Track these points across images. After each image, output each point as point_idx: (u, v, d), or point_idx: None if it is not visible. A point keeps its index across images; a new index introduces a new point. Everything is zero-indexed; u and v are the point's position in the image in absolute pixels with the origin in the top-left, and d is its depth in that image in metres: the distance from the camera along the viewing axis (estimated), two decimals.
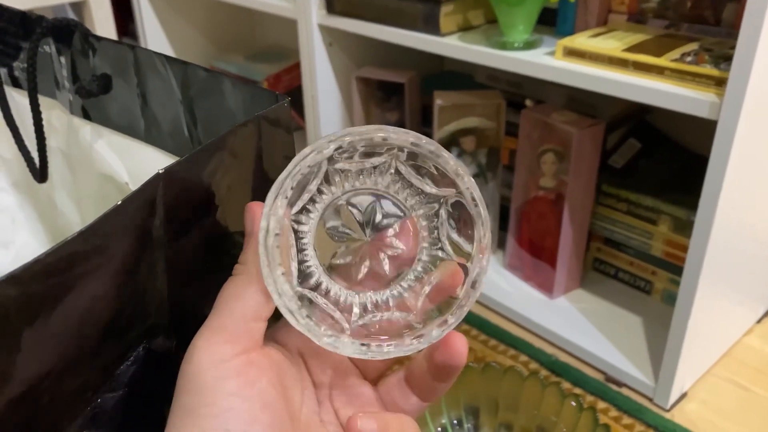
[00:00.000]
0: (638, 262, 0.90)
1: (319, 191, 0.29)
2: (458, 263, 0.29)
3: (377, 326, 0.29)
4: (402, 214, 0.30)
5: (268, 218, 0.26)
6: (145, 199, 0.25)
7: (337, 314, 0.28)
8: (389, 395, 0.30)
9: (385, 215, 0.30)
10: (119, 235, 0.25)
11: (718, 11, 0.74)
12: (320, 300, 0.28)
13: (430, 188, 0.29)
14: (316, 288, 0.28)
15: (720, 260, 0.69)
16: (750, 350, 0.83)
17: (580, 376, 0.80)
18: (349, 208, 0.29)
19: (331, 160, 0.28)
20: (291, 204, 0.27)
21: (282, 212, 0.27)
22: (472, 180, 0.29)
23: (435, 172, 0.29)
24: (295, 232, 0.28)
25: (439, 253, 0.30)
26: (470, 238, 0.29)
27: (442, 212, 0.30)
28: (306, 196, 0.28)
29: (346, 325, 0.28)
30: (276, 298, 0.27)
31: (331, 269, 0.29)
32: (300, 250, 0.28)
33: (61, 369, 0.24)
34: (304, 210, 0.28)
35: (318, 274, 0.29)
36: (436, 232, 0.30)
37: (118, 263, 0.25)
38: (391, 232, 0.30)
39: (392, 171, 0.29)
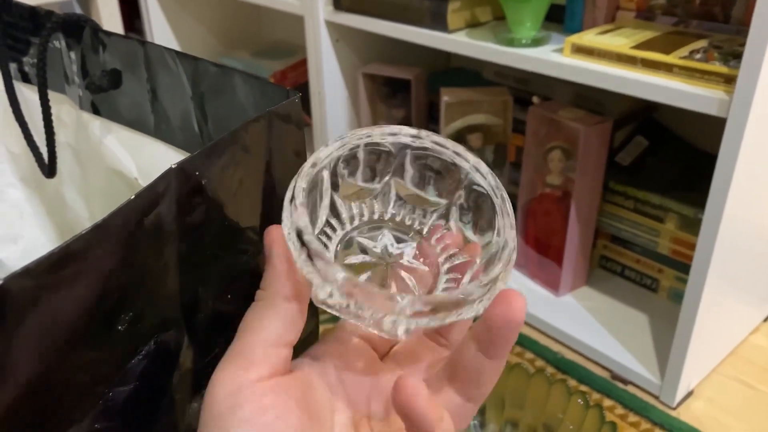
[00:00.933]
0: (645, 259, 0.90)
1: (330, 226, 0.29)
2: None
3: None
4: (412, 243, 0.30)
5: (292, 215, 0.26)
6: (157, 193, 0.26)
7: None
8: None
9: (398, 239, 0.30)
10: (132, 229, 0.25)
11: (727, 8, 0.74)
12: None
13: (436, 198, 0.30)
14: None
15: (727, 258, 0.68)
16: (756, 349, 0.83)
17: (586, 374, 0.79)
18: (363, 242, 0.30)
19: (334, 181, 0.28)
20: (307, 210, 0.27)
21: (301, 210, 0.26)
22: (476, 158, 0.29)
23: (439, 170, 0.29)
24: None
25: (459, 259, 0.30)
26: (490, 225, 0.29)
27: (452, 224, 0.30)
28: (319, 223, 0.28)
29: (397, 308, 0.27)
30: (318, 287, 0.25)
31: None
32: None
33: (72, 362, 0.24)
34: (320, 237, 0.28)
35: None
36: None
37: (130, 257, 0.25)
38: (408, 253, 0.30)
39: (393, 195, 0.30)
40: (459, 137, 0.96)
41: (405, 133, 0.29)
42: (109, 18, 1.21)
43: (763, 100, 0.59)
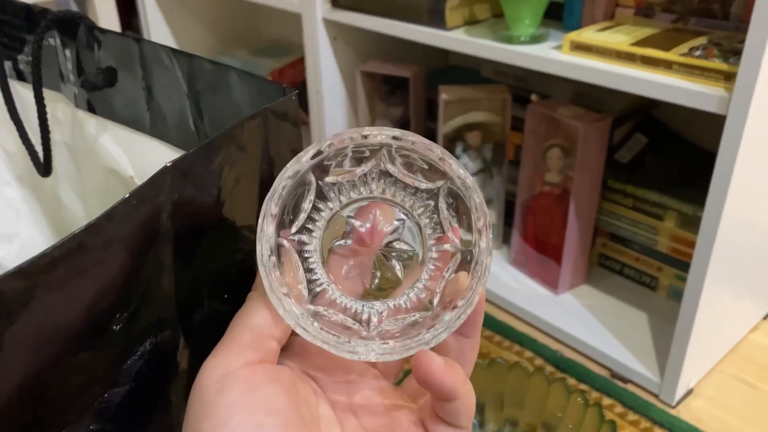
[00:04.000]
0: (644, 257, 0.90)
1: (316, 208, 0.29)
2: (462, 251, 0.29)
3: (398, 331, 0.28)
4: (403, 217, 0.30)
5: (261, 242, 0.27)
6: (152, 192, 0.25)
7: (356, 326, 0.28)
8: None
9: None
10: (126, 228, 0.24)
11: (727, 5, 0.73)
12: (336, 316, 0.28)
13: (424, 184, 0.29)
14: (330, 304, 0.28)
15: (727, 256, 0.68)
16: (756, 347, 0.83)
17: (585, 372, 0.79)
18: (351, 220, 0.29)
19: (320, 173, 0.28)
20: (284, 225, 0.28)
21: (272, 233, 0.27)
22: (458, 163, 0.28)
23: (425, 166, 0.29)
24: (300, 252, 0.28)
25: (447, 247, 0.29)
26: (470, 226, 0.29)
27: (442, 205, 0.30)
28: (302, 216, 0.28)
29: (365, 333, 0.28)
30: (285, 316, 0.27)
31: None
32: (308, 270, 0.28)
33: (67, 363, 0.24)
34: (304, 230, 0.29)
35: (330, 290, 0.29)
36: (440, 227, 0.30)
37: (125, 257, 0.25)
38: (396, 236, 0.30)
39: (383, 175, 0.29)
40: (457, 135, 0.96)
41: (386, 133, 0.29)
42: (106, 16, 1.21)
43: (763, 97, 0.59)
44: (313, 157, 0.28)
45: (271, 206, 0.27)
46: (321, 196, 0.29)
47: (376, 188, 0.29)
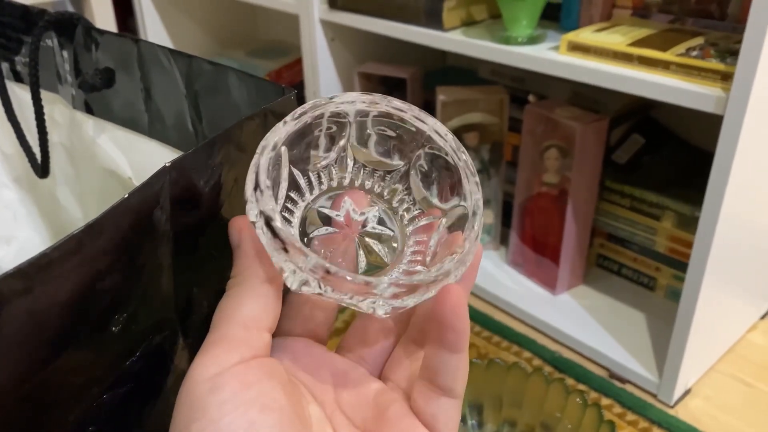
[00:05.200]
0: (642, 258, 0.90)
1: (291, 200, 0.28)
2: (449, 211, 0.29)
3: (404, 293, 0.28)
4: (375, 204, 0.30)
5: (258, 207, 0.25)
6: (151, 192, 0.25)
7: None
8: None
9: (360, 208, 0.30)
10: (125, 229, 0.24)
11: (724, 5, 0.73)
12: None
13: (395, 162, 0.29)
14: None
15: (725, 256, 0.68)
16: (754, 346, 0.83)
17: (583, 373, 0.79)
18: (324, 211, 0.29)
19: (295, 160, 0.28)
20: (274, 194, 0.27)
21: (269, 197, 0.25)
22: (435, 119, 0.29)
23: (399, 134, 0.29)
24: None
25: (425, 221, 0.30)
26: (453, 188, 0.29)
27: (414, 184, 0.30)
28: (280, 202, 0.28)
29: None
30: (292, 276, 0.25)
31: None
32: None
33: (66, 364, 0.24)
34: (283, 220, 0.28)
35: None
36: (414, 205, 0.30)
37: (124, 257, 0.25)
38: (371, 219, 0.30)
39: (350, 161, 0.29)
40: (455, 136, 0.96)
41: (361, 100, 0.29)
42: (103, 17, 1.21)
43: (760, 97, 0.59)
44: (294, 126, 0.27)
45: (263, 169, 0.26)
46: (295, 186, 0.29)
47: (346, 177, 0.29)
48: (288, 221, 0.28)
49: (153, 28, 1.36)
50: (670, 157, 0.90)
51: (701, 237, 0.65)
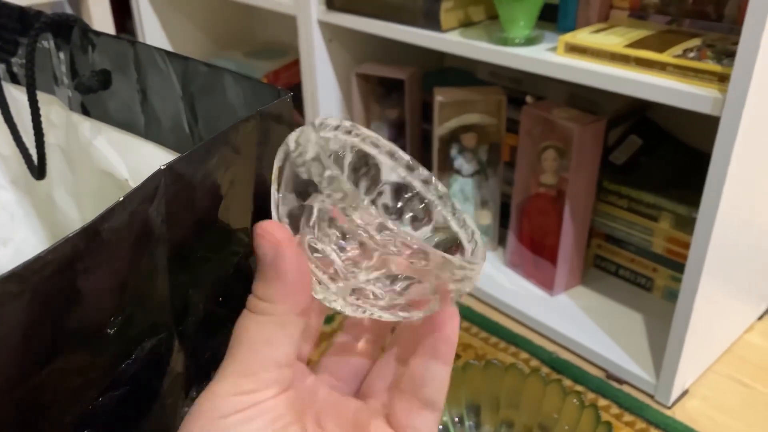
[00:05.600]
0: (639, 259, 0.90)
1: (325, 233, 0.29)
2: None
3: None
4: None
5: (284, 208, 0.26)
6: (146, 195, 0.25)
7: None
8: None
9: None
10: (121, 231, 0.24)
11: (720, 7, 0.74)
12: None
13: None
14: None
15: (722, 257, 0.68)
16: (751, 347, 0.83)
17: (581, 374, 0.79)
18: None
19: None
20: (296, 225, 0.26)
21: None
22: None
23: (419, 213, 0.29)
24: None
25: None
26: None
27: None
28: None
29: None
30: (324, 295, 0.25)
31: None
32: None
33: (61, 367, 0.24)
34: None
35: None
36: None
37: (120, 260, 0.25)
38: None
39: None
40: (453, 137, 0.96)
41: (402, 163, 0.29)
42: (101, 19, 1.21)
43: (757, 98, 0.59)
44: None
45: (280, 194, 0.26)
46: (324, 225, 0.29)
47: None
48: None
49: (151, 30, 1.36)
50: (668, 158, 0.90)
51: (698, 238, 0.65)
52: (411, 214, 0.30)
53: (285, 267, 0.24)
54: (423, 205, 0.30)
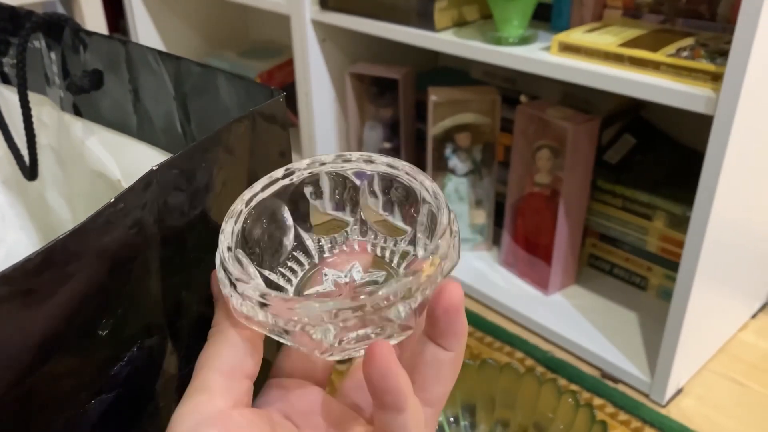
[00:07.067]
0: (633, 258, 0.90)
1: (297, 260, 0.29)
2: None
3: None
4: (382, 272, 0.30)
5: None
6: (138, 195, 0.25)
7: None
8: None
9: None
10: (113, 232, 0.24)
11: (714, 6, 0.74)
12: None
13: (402, 224, 0.30)
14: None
15: (716, 256, 0.69)
16: (745, 345, 0.83)
17: (576, 373, 0.79)
18: (328, 271, 0.29)
19: (301, 220, 0.29)
20: (257, 259, 0.27)
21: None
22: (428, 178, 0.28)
23: (402, 195, 0.29)
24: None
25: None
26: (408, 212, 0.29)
27: (420, 238, 0.29)
28: (282, 265, 0.29)
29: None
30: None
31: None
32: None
33: (53, 370, 0.24)
34: (281, 277, 0.29)
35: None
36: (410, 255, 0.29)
37: (112, 261, 0.24)
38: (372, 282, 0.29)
39: (363, 226, 0.30)
40: (447, 136, 0.96)
41: (358, 159, 0.29)
42: (93, 18, 1.20)
43: (750, 97, 0.59)
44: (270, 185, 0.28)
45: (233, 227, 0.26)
46: (302, 248, 0.29)
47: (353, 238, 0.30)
48: (289, 279, 0.29)
49: (144, 29, 1.36)
50: (662, 157, 0.90)
51: (692, 237, 0.66)
52: (398, 201, 0.29)
53: (221, 294, 0.27)
54: (404, 190, 0.29)
